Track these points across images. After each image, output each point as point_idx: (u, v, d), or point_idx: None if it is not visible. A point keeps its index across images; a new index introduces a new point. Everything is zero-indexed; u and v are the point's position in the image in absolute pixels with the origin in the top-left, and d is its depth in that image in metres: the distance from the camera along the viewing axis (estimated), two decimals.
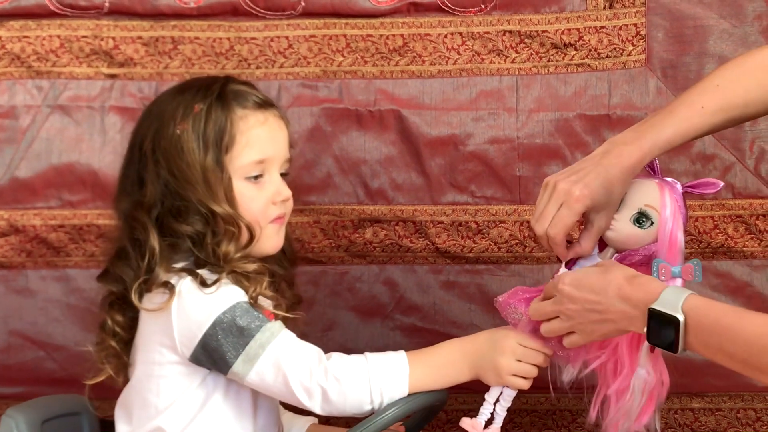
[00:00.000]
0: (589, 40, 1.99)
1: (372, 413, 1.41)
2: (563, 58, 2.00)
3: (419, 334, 2.04)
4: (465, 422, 1.47)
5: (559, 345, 1.42)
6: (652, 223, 1.40)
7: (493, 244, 2.03)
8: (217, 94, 1.49)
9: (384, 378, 1.41)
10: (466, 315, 2.05)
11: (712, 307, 1.23)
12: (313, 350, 1.43)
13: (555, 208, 1.41)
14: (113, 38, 2.02)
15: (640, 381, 1.38)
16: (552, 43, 2.00)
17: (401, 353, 1.45)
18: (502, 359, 1.42)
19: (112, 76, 2.03)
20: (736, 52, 1.96)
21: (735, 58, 1.48)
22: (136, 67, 2.03)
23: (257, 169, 1.49)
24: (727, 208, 1.99)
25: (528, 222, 2.02)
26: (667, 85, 1.99)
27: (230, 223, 1.46)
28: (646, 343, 1.34)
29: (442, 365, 1.45)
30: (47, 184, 2.04)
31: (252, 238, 1.48)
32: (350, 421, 1.45)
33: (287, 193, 1.52)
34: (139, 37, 2.02)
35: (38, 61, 2.03)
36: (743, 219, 1.99)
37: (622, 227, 1.41)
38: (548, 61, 2.01)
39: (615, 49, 1.99)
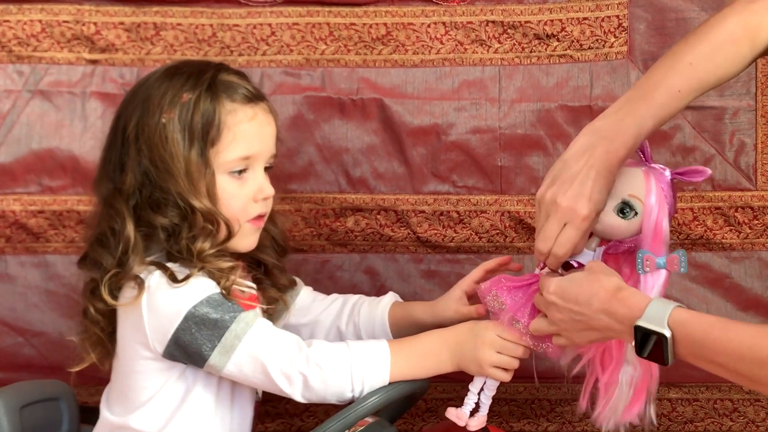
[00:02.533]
0: (571, 32, 1.99)
1: (352, 401, 1.42)
2: (546, 49, 2.01)
3: None
4: (450, 413, 1.47)
5: (539, 337, 1.42)
6: (636, 213, 1.37)
7: (474, 233, 2.04)
8: (208, 84, 1.45)
9: (365, 366, 1.41)
10: None
11: (699, 320, 1.22)
12: (292, 337, 1.43)
13: (558, 227, 1.36)
14: (95, 23, 2.01)
15: (627, 376, 1.38)
16: (535, 34, 2.00)
17: (383, 342, 1.45)
18: (483, 351, 1.42)
19: (94, 62, 2.02)
20: None
21: (703, 29, 1.43)
22: (118, 53, 2.02)
23: (242, 164, 1.47)
24: (707, 200, 2.00)
25: (509, 212, 2.03)
26: None
27: (209, 219, 1.44)
28: (629, 348, 1.34)
29: (423, 355, 1.45)
30: (27, 170, 2.02)
31: (230, 235, 1.46)
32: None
33: (270, 191, 1.50)
34: (121, 23, 2.01)
35: (19, 45, 2.01)
36: (722, 211, 2.00)
37: (605, 217, 1.38)
38: (531, 51, 2.01)
39: (597, 40, 2.00)
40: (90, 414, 1.58)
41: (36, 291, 2.04)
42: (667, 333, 1.21)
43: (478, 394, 1.47)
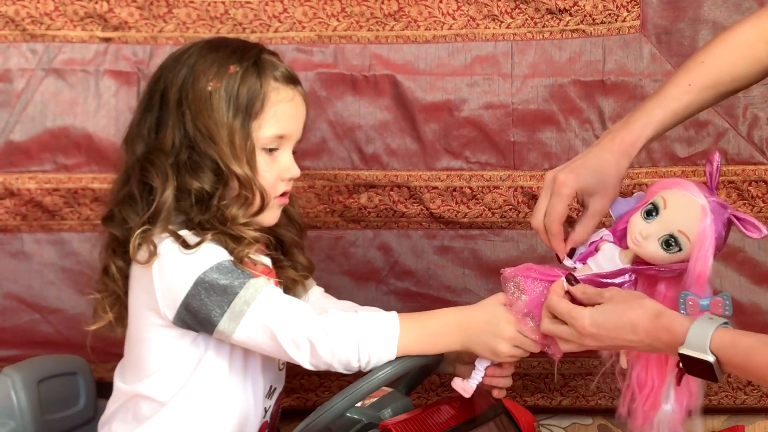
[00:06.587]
0: (583, 6, 1.99)
1: (359, 370, 1.42)
2: (558, 24, 2.00)
3: (413, 299, 2.05)
4: (456, 384, 1.47)
5: (546, 337, 1.42)
6: (680, 249, 1.35)
7: (487, 209, 2.04)
8: (254, 60, 1.48)
9: (373, 338, 1.41)
10: (460, 280, 2.06)
11: (740, 342, 1.22)
12: (301, 304, 1.44)
13: (546, 200, 1.41)
14: (107, 1, 2.01)
15: (665, 417, 1.37)
16: (547, 9, 1.99)
17: (393, 315, 1.45)
18: (502, 344, 1.43)
19: (107, 40, 2.03)
20: (730, 18, 1.97)
21: (720, 34, 1.47)
22: (131, 31, 2.02)
23: (275, 142, 1.49)
24: (720, 174, 1.96)
25: (522, 188, 2.03)
26: (661, 51, 1.99)
27: (246, 186, 1.46)
28: (671, 378, 1.34)
29: (433, 333, 1.45)
30: (42, 148, 2.03)
31: (263, 206, 1.48)
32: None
33: (297, 172, 1.52)
34: (134, 1, 2.01)
35: (32, 24, 2.02)
36: (736, 185, 2.00)
37: (648, 246, 1.36)
38: (543, 26, 2.01)
39: (610, 14, 1.99)
40: (106, 389, 1.59)
41: (52, 268, 2.06)
42: (711, 359, 1.22)
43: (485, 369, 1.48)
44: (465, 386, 1.47)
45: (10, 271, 2.05)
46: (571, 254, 1.44)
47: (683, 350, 1.24)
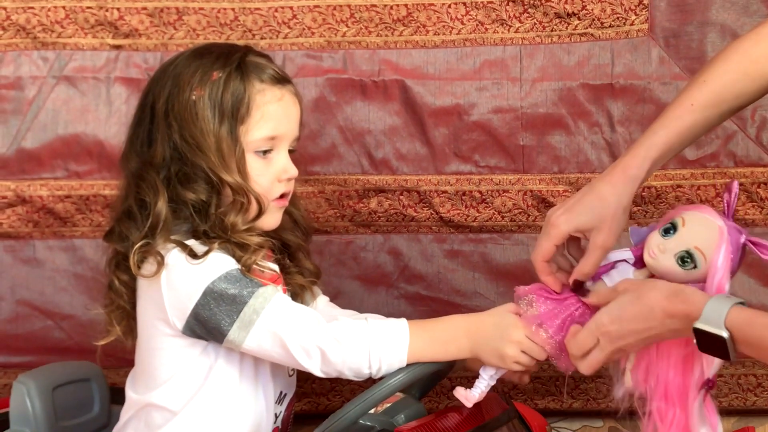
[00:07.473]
0: (592, 10, 1.99)
1: (370, 377, 1.43)
2: (566, 28, 2.01)
3: (424, 303, 2.06)
4: (459, 392, 1.46)
5: (559, 349, 1.42)
6: (696, 266, 1.35)
7: (496, 213, 2.05)
8: (237, 64, 1.47)
9: (383, 345, 1.41)
10: (470, 283, 2.06)
11: (756, 320, 1.22)
12: (310, 311, 1.44)
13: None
14: (118, 9, 2.02)
15: None
16: (555, 13, 2.00)
17: (403, 322, 1.45)
18: (510, 348, 1.43)
19: (117, 47, 2.04)
20: (738, 21, 1.97)
21: (720, 52, 1.46)
22: (141, 38, 2.03)
23: (268, 144, 1.48)
24: (729, 177, 2.00)
25: (531, 191, 2.04)
26: (669, 55, 1.99)
27: (240, 193, 1.45)
28: (698, 404, 1.33)
29: (443, 340, 1.45)
30: (54, 155, 2.04)
31: (261, 211, 1.47)
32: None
33: (294, 171, 1.51)
34: (144, 8, 2.02)
35: (43, 32, 2.03)
36: (745, 187, 2.00)
37: (664, 260, 1.36)
38: (551, 30, 2.01)
39: (618, 18, 2.00)
40: (120, 395, 1.60)
41: (64, 275, 2.07)
42: (725, 334, 1.22)
43: (489, 378, 1.48)
44: (467, 395, 1.46)
45: (23, 277, 2.06)
46: (578, 287, 1.43)
47: (698, 325, 1.23)
